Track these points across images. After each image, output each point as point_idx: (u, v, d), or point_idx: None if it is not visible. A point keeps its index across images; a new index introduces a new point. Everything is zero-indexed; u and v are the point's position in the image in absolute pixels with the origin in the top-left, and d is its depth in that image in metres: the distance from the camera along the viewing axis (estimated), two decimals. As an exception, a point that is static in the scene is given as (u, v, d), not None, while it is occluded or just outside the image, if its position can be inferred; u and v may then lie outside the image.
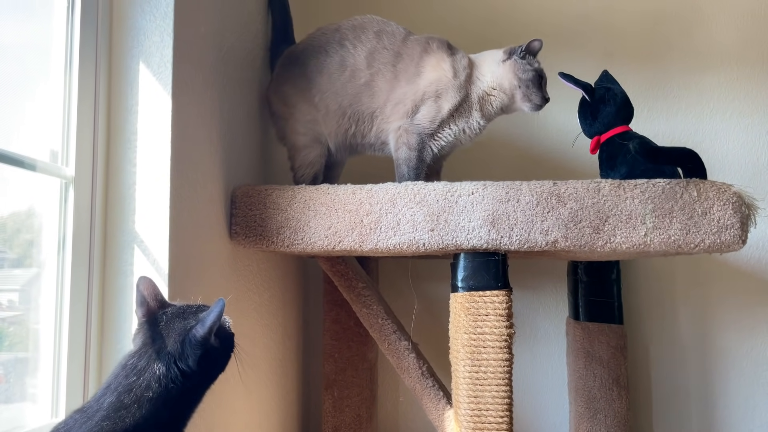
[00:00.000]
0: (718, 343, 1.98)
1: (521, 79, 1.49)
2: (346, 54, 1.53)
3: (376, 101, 1.52)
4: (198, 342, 0.87)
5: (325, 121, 1.57)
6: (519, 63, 1.49)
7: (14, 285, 1.13)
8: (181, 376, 0.87)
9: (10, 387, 1.10)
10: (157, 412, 0.84)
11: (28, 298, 1.13)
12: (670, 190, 1.32)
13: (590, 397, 1.82)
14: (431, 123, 1.49)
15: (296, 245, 1.40)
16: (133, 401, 0.84)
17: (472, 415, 1.34)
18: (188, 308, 0.94)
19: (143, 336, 0.91)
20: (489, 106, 1.52)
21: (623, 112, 1.49)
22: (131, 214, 1.19)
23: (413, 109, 1.49)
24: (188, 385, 0.88)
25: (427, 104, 1.49)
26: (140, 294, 0.93)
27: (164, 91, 1.19)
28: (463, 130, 1.53)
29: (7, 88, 1.10)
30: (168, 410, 0.85)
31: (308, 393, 2.06)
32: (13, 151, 1.03)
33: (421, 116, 1.49)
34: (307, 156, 1.59)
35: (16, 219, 1.13)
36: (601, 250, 1.33)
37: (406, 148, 1.50)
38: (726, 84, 2.02)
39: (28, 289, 1.13)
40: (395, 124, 1.51)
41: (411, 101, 1.49)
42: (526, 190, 1.34)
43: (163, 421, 0.85)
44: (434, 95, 1.49)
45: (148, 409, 0.84)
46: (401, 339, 1.60)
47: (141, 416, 0.83)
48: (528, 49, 1.51)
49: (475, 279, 1.38)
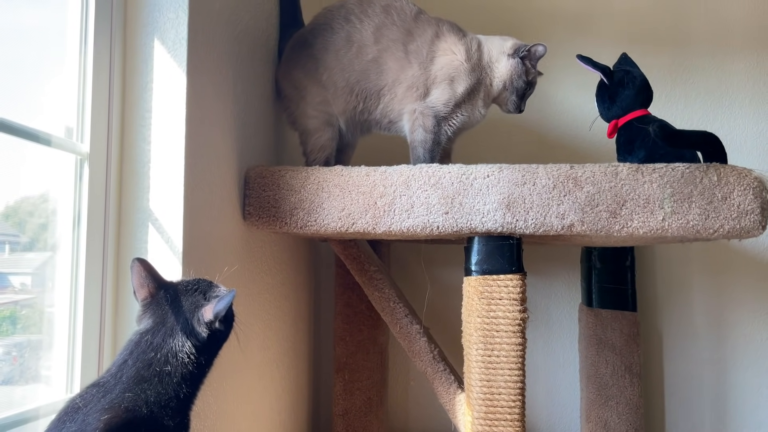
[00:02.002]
0: (733, 332, 1.97)
1: (512, 84, 1.51)
2: (352, 29, 1.50)
3: (384, 79, 1.50)
4: (206, 322, 0.90)
5: (335, 100, 1.55)
6: (518, 67, 1.50)
7: (27, 268, 1.13)
8: (196, 352, 0.89)
9: (25, 368, 1.10)
10: (176, 387, 0.87)
11: (42, 280, 1.13)
12: (690, 175, 1.30)
13: (602, 384, 1.81)
14: (445, 106, 1.49)
15: (309, 227, 1.40)
16: (153, 375, 0.86)
17: (485, 398, 1.34)
18: (189, 285, 0.95)
19: (153, 315, 0.92)
20: (490, 91, 1.54)
21: (642, 96, 1.46)
22: (146, 192, 1.19)
23: (426, 92, 1.49)
24: (200, 361, 0.90)
25: (441, 87, 1.48)
26: (139, 276, 0.94)
27: (179, 68, 1.18)
28: (473, 112, 1.53)
29: (24, 65, 1.09)
30: (185, 384, 0.88)
31: (319, 376, 2.07)
32: (29, 126, 1.03)
33: (436, 99, 1.49)
34: (318, 140, 1.57)
35: (30, 203, 1.13)
36: (617, 234, 1.32)
37: (422, 130, 1.49)
38: (746, 70, 1.99)
39: (42, 271, 1.13)
40: (410, 107, 1.50)
41: (424, 85, 1.49)
42: (542, 174, 1.33)
43: (180, 396, 0.87)
44: (448, 78, 1.48)
45: (167, 382, 0.86)
46: (413, 323, 1.60)
47: (162, 389, 0.85)
48: (530, 53, 1.50)
49: (489, 263, 1.36)
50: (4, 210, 1.06)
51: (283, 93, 1.62)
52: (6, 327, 1.08)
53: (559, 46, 2.01)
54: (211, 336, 0.91)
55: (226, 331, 0.95)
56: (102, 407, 0.81)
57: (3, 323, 1.08)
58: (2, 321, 1.08)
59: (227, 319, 0.94)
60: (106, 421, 0.79)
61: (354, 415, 1.87)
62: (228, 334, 0.96)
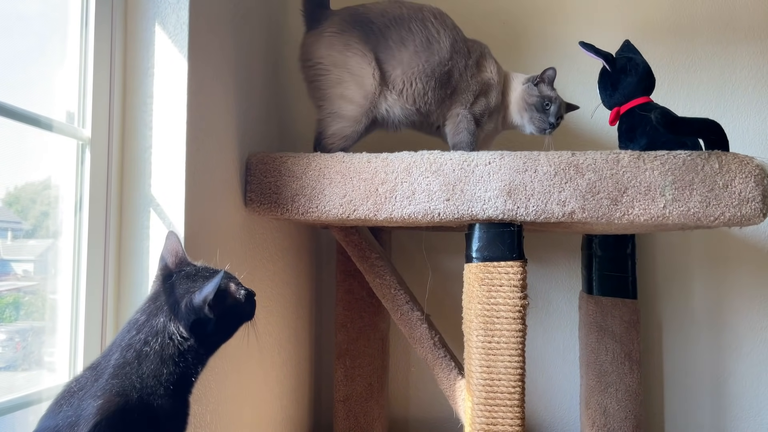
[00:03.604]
0: (732, 320, 1.97)
1: (528, 103, 1.61)
2: (431, 37, 1.54)
3: (447, 90, 1.58)
4: (193, 308, 0.87)
5: (393, 96, 1.52)
6: (529, 89, 1.62)
7: (30, 255, 1.13)
8: (178, 335, 0.87)
9: (28, 352, 1.11)
10: (156, 369, 0.84)
11: (44, 267, 1.14)
12: (691, 162, 1.30)
13: (602, 371, 1.82)
14: (482, 115, 1.62)
15: (311, 213, 1.40)
16: (134, 357, 0.84)
17: (485, 384, 1.35)
18: (202, 270, 0.94)
19: (151, 292, 0.92)
20: (506, 116, 1.66)
21: (645, 83, 1.46)
22: (147, 178, 1.19)
23: (473, 101, 1.61)
24: (184, 347, 0.87)
25: (480, 98, 1.62)
26: (164, 249, 0.94)
27: (180, 53, 1.18)
28: (491, 126, 1.67)
29: (25, 50, 1.09)
30: (167, 367, 0.85)
31: (320, 362, 2.08)
32: (30, 110, 1.03)
33: (477, 107, 1.61)
34: (347, 128, 1.51)
35: (32, 188, 1.13)
36: (618, 222, 1.32)
37: (467, 132, 1.59)
38: (750, 58, 1.97)
39: (45, 257, 1.13)
40: (455, 111, 1.60)
41: (472, 94, 1.60)
42: (543, 161, 1.33)
43: (164, 379, 0.84)
44: (485, 91, 1.62)
45: (147, 365, 0.84)
46: (413, 309, 1.60)
47: (142, 372, 0.83)
48: (542, 78, 1.61)
49: (490, 249, 1.37)
50: (5, 196, 1.06)
51: (319, 67, 1.52)
52: (9, 313, 1.09)
53: (562, 33, 2.00)
54: (198, 324, 0.87)
55: (223, 325, 0.91)
56: (94, 393, 0.81)
57: (6, 310, 1.09)
58: (5, 308, 1.09)
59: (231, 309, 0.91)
60: (100, 408, 0.78)
61: (355, 401, 1.88)
62: (225, 332, 0.93)
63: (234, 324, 0.94)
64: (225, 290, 0.91)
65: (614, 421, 1.80)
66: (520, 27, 2.04)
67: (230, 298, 0.92)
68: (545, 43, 2.01)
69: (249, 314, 0.96)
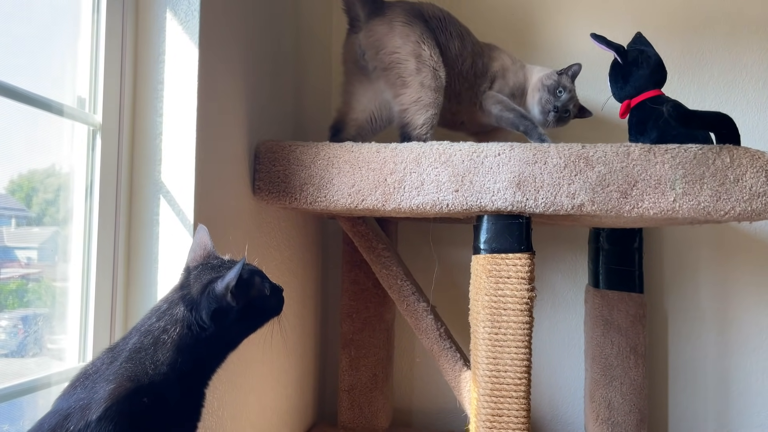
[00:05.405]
0: (739, 315, 1.97)
1: (543, 84, 1.65)
2: (463, 43, 1.65)
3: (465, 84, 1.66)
4: (215, 295, 0.86)
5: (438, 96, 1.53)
6: (551, 74, 1.66)
7: (37, 242, 1.13)
8: (197, 325, 0.86)
9: (39, 336, 1.12)
10: (171, 357, 0.84)
11: (53, 252, 1.14)
12: (702, 156, 1.30)
13: (607, 365, 1.82)
14: (500, 92, 1.69)
15: (319, 202, 1.40)
16: (151, 343, 0.84)
17: (491, 376, 1.35)
18: (227, 263, 0.93)
19: (178, 282, 0.92)
20: (523, 101, 1.70)
21: (656, 76, 1.45)
22: (157, 165, 1.19)
23: (489, 85, 1.69)
24: (203, 336, 0.87)
25: (498, 80, 1.69)
26: (194, 241, 0.95)
27: (191, 40, 1.18)
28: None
29: (36, 35, 1.09)
30: (182, 356, 0.85)
31: (325, 351, 2.08)
32: (42, 95, 1.03)
33: (496, 87, 1.69)
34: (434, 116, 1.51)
35: (43, 174, 1.13)
36: (627, 215, 1.31)
37: (498, 105, 1.65)
38: (760, 53, 1.96)
39: (54, 243, 1.13)
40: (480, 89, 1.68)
41: (489, 79, 1.69)
42: (553, 153, 1.32)
43: (179, 367, 0.84)
44: (502, 74, 1.69)
45: (163, 352, 0.84)
46: (419, 300, 1.60)
47: (157, 359, 0.83)
48: (566, 70, 1.65)
49: (498, 241, 1.37)
50: (10, 184, 1.06)
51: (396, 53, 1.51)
52: (13, 300, 1.09)
53: (573, 25, 1.99)
54: (219, 312, 0.86)
55: (247, 315, 0.91)
56: (107, 377, 0.81)
57: (10, 297, 1.09)
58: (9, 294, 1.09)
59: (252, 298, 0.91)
60: (111, 393, 0.78)
61: (359, 391, 1.89)
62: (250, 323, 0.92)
63: (258, 317, 0.94)
64: (249, 280, 0.91)
65: (618, 415, 1.80)
66: (529, 20, 2.03)
67: (254, 289, 0.92)
68: (557, 37, 2.00)
69: (275, 309, 0.96)
